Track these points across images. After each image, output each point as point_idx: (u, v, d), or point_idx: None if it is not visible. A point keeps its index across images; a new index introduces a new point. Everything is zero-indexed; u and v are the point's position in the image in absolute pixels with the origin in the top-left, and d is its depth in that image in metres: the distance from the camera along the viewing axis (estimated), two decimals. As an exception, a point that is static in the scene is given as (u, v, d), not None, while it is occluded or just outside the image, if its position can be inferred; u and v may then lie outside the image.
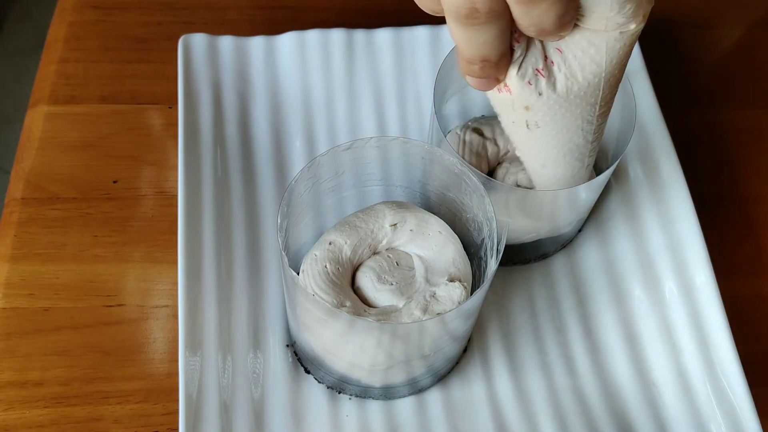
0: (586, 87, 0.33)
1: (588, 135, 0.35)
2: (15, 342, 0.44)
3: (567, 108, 0.33)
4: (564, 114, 0.34)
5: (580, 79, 0.33)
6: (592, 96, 0.33)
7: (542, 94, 0.33)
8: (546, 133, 0.35)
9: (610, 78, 0.33)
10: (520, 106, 0.33)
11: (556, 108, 0.33)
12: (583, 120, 0.34)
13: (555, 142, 0.35)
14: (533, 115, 0.34)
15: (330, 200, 0.42)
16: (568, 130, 0.35)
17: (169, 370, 0.44)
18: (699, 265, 0.44)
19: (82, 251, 0.47)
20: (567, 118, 0.34)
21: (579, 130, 0.35)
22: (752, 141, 0.55)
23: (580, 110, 0.34)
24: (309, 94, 0.51)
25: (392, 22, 0.53)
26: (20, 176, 0.49)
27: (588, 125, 0.35)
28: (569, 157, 0.36)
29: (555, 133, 0.35)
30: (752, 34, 0.60)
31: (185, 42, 0.50)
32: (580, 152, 0.36)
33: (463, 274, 0.40)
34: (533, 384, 0.43)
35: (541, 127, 0.34)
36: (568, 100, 0.33)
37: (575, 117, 0.34)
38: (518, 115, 0.34)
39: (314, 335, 0.39)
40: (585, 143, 0.35)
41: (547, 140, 0.35)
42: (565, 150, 0.36)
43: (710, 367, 0.43)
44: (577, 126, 0.34)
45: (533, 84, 0.32)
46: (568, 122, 0.34)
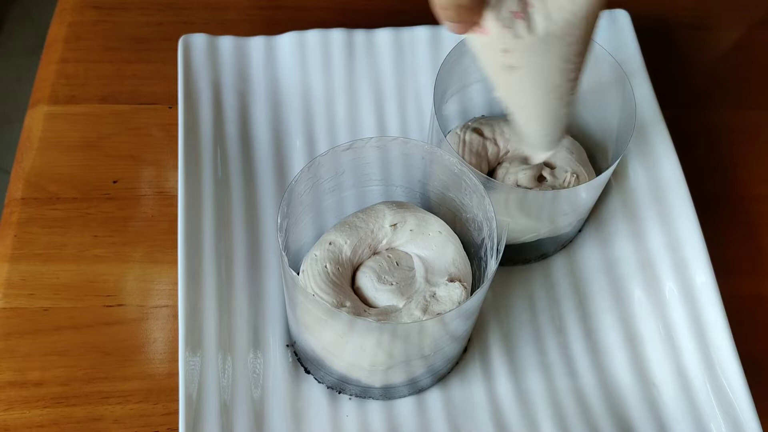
0: (564, 26, 0.33)
1: (568, 74, 0.35)
2: (15, 342, 0.44)
3: (545, 49, 0.33)
4: (542, 54, 0.34)
5: (558, 19, 0.33)
6: (569, 35, 0.33)
7: (520, 35, 0.33)
8: (526, 74, 0.35)
9: (589, 17, 0.33)
10: (498, 49, 0.33)
11: (533, 50, 0.33)
12: (561, 59, 0.34)
13: (534, 83, 0.35)
14: (511, 57, 0.34)
15: (330, 200, 0.42)
16: (547, 69, 0.35)
17: (169, 370, 0.44)
18: (699, 265, 0.44)
19: (82, 251, 0.47)
20: (546, 58, 0.34)
21: (557, 70, 0.35)
22: (752, 141, 0.55)
23: (557, 50, 0.34)
24: (309, 94, 0.51)
25: (392, 22, 0.53)
26: (20, 176, 0.49)
27: (567, 64, 0.35)
28: (550, 96, 0.36)
29: (535, 74, 0.35)
30: (751, 34, 0.60)
31: (185, 42, 0.50)
32: (560, 91, 0.36)
33: (463, 274, 0.40)
34: (533, 384, 0.43)
35: (519, 69, 0.34)
36: (546, 41, 0.33)
37: (554, 57, 0.34)
38: (497, 58, 0.34)
39: (314, 335, 0.39)
40: (564, 82, 0.36)
41: (527, 81, 0.35)
42: (546, 90, 0.36)
43: (710, 367, 0.43)
44: (556, 66, 0.35)
45: (511, 27, 0.32)
46: (546, 63, 0.34)
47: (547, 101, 0.36)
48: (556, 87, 0.36)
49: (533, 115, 0.38)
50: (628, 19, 0.53)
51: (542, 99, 0.36)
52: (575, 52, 0.34)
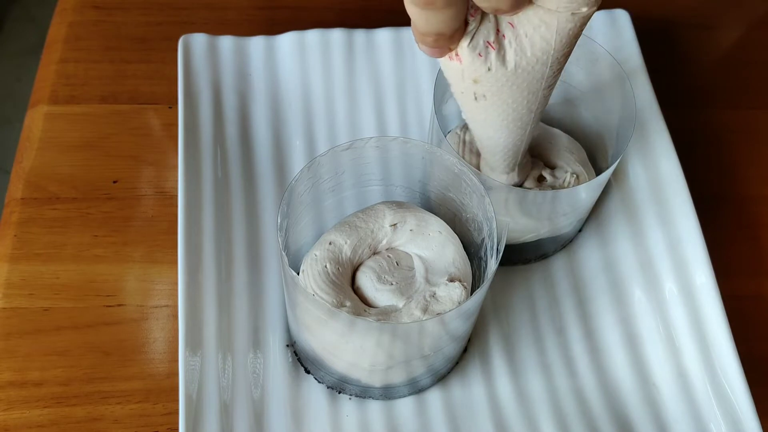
0: (534, 63, 0.34)
1: (532, 105, 0.36)
2: (15, 342, 0.44)
3: (514, 82, 0.34)
4: (510, 87, 0.35)
5: (529, 55, 0.33)
6: (539, 72, 0.34)
7: (491, 68, 0.34)
8: (492, 104, 0.36)
9: (559, 56, 0.34)
10: (469, 77, 0.34)
11: (503, 81, 0.34)
12: (529, 92, 0.35)
13: (500, 113, 0.36)
14: (481, 87, 0.35)
15: (330, 200, 0.42)
16: (513, 101, 0.36)
17: (169, 370, 0.44)
18: (699, 265, 0.44)
19: (82, 251, 0.47)
20: (513, 91, 0.35)
21: (524, 101, 0.36)
22: (752, 141, 0.55)
23: (526, 83, 0.35)
24: (309, 94, 0.51)
25: (392, 22, 0.53)
26: (20, 176, 0.49)
27: (533, 96, 0.36)
28: (512, 126, 0.37)
29: (501, 105, 0.36)
30: (751, 34, 0.60)
31: (185, 42, 0.50)
32: (523, 121, 0.37)
33: (463, 274, 0.40)
34: (533, 384, 0.43)
35: (487, 99, 0.35)
36: (516, 74, 0.34)
37: (521, 90, 0.35)
38: (467, 86, 0.35)
39: (314, 335, 0.39)
40: (528, 113, 0.37)
41: (493, 111, 0.36)
42: (509, 120, 0.37)
43: (710, 367, 0.43)
44: (522, 98, 0.36)
45: (483, 56, 0.33)
46: (514, 95, 0.35)
47: (510, 129, 0.37)
48: (520, 117, 0.37)
49: (495, 141, 0.39)
50: (628, 19, 0.53)
51: (505, 127, 0.37)
52: (543, 87, 0.35)
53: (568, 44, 0.34)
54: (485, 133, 0.39)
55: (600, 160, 0.47)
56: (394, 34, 0.52)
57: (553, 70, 0.34)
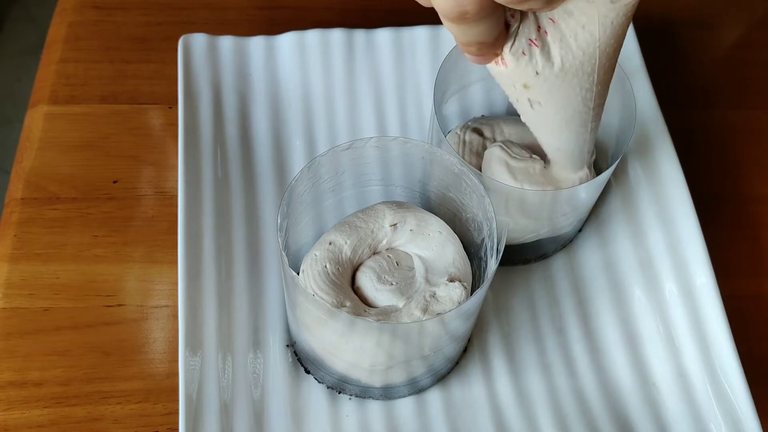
0: (581, 56, 0.33)
1: (588, 102, 0.36)
2: (15, 342, 0.44)
3: (564, 80, 0.34)
4: (561, 86, 0.34)
5: (575, 49, 0.33)
6: (588, 65, 0.34)
7: (538, 69, 0.33)
8: (548, 109, 0.36)
9: (606, 48, 0.34)
10: (519, 82, 0.34)
11: (552, 81, 0.34)
12: (582, 88, 0.35)
13: (558, 115, 0.36)
14: (533, 92, 0.35)
15: (330, 200, 0.42)
16: (568, 102, 0.35)
17: (169, 370, 0.44)
18: (699, 265, 0.44)
19: (82, 251, 0.47)
20: (565, 90, 0.35)
21: (578, 99, 0.35)
22: (752, 141, 0.55)
23: (577, 80, 0.34)
24: (309, 94, 0.51)
25: (392, 22, 0.53)
26: (20, 176, 0.49)
27: (588, 93, 0.35)
28: (573, 125, 0.37)
29: (556, 106, 0.36)
30: (752, 34, 0.60)
31: (185, 42, 0.50)
32: (583, 119, 0.37)
33: (463, 274, 0.40)
34: (533, 384, 0.43)
35: (542, 104, 0.35)
36: (564, 71, 0.34)
37: (573, 87, 0.35)
38: (519, 93, 0.35)
39: (314, 335, 0.39)
40: (586, 110, 0.36)
41: (551, 114, 0.36)
42: (568, 120, 0.37)
43: (710, 367, 0.43)
44: (576, 96, 0.35)
45: (528, 55, 0.33)
46: (567, 95, 0.35)
47: (571, 129, 0.37)
48: (579, 114, 0.36)
49: (558, 142, 0.38)
50: (628, 19, 0.53)
51: (566, 128, 0.37)
52: (595, 81, 0.35)
53: (613, 35, 0.33)
54: (549, 137, 0.38)
55: (600, 160, 0.47)
56: (394, 34, 0.52)
57: (602, 62, 0.34)
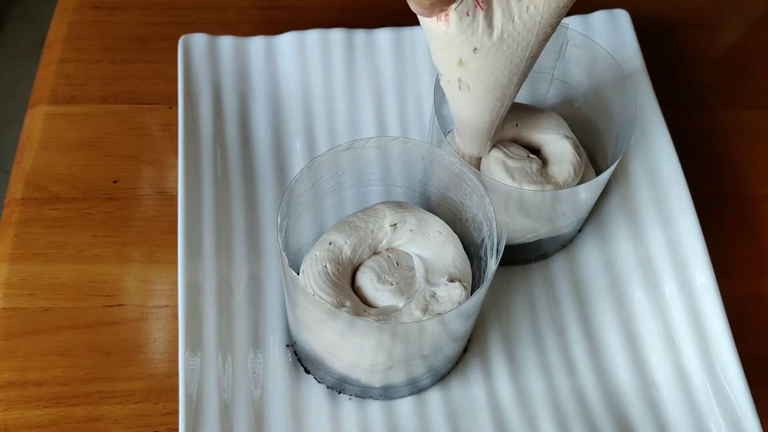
0: (521, 27, 0.34)
1: (514, 77, 0.37)
2: (15, 342, 0.44)
3: (498, 50, 0.35)
4: (494, 59, 0.35)
5: (516, 19, 0.34)
6: (525, 39, 0.35)
7: (476, 43, 0.34)
8: (475, 89, 0.37)
9: (545, 26, 0.35)
10: (455, 56, 0.35)
11: (486, 55, 0.35)
12: (512, 62, 0.36)
13: (481, 91, 0.37)
14: (465, 72, 0.36)
15: (330, 200, 0.42)
16: (496, 78, 0.36)
17: (169, 370, 0.44)
18: (699, 265, 0.44)
19: (82, 251, 0.47)
20: (497, 63, 0.36)
21: (507, 73, 0.37)
22: (752, 141, 0.55)
23: (510, 52, 0.35)
24: (309, 94, 0.51)
25: (392, 22, 0.53)
26: (20, 176, 0.49)
27: (516, 67, 0.36)
28: (492, 98, 0.38)
29: (484, 85, 0.37)
30: (752, 34, 0.60)
31: (185, 42, 0.50)
32: (503, 93, 0.38)
33: (463, 274, 0.40)
34: (533, 384, 0.43)
35: (471, 87, 0.37)
36: (501, 40, 0.35)
37: (505, 61, 0.36)
38: (452, 73, 0.36)
39: (314, 335, 0.39)
40: (509, 85, 0.37)
41: (475, 93, 0.37)
42: (490, 92, 0.38)
43: (710, 367, 0.43)
44: (505, 69, 0.36)
45: (471, 16, 0.34)
46: (497, 68, 0.36)
47: (488, 101, 0.38)
48: (501, 89, 0.37)
49: (476, 117, 0.39)
50: (628, 19, 0.53)
51: (483, 99, 0.38)
52: (527, 56, 0.36)
53: (557, 13, 0.34)
54: (468, 110, 0.39)
55: (600, 160, 0.47)
56: (394, 34, 0.52)
57: (538, 39, 0.35)
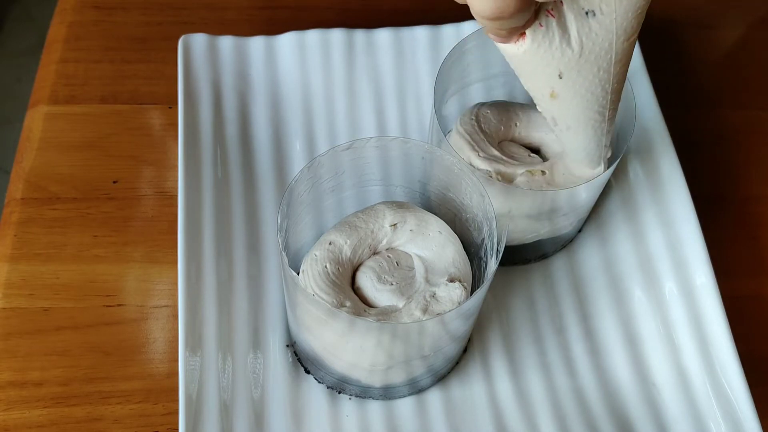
0: (597, 28, 0.33)
1: (606, 84, 0.36)
2: (15, 342, 0.44)
3: (581, 57, 0.34)
4: (579, 67, 0.34)
5: (591, 20, 0.33)
6: (605, 40, 0.34)
7: (556, 46, 0.33)
8: (565, 96, 0.36)
9: (623, 22, 0.34)
10: (538, 70, 0.34)
11: (569, 62, 0.34)
12: (600, 69, 0.35)
13: (573, 103, 0.36)
14: (552, 80, 0.35)
15: (330, 200, 0.42)
16: (585, 86, 0.35)
17: (169, 370, 0.44)
18: (699, 265, 0.44)
19: (82, 251, 0.47)
20: (582, 70, 0.35)
21: (597, 82, 0.35)
22: (752, 141, 0.55)
23: (594, 56, 0.34)
24: (309, 94, 0.51)
25: (392, 22, 0.53)
26: (20, 176, 0.49)
27: (605, 74, 0.35)
28: (589, 112, 0.37)
29: (573, 94, 0.36)
30: (752, 34, 0.60)
31: (185, 42, 0.50)
32: (600, 103, 0.37)
33: (463, 274, 0.40)
34: (533, 384, 0.43)
35: (560, 95, 0.36)
36: (581, 45, 0.34)
37: (591, 67, 0.35)
38: (538, 85, 0.36)
39: (314, 335, 0.39)
40: (604, 94, 0.36)
41: (566, 103, 0.36)
42: (584, 106, 0.37)
43: (710, 367, 0.43)
44: (594, 77, 0.35)
45: (544, 26, 0.33)
46: (584, 76, 0.35)
47: (587, 116, 0.37)
48: (595, 98, 0.36)
49: (574, 134, 0.38)
50: (628, 19, 0.53)
51: (582, 115, 0.37)
52: (613, 60, 0.35)
53: (632, 9, 0.33)
54: (565, 129, 0.38)
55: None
56: (394, 34, 0.52)
57: (619, 39, 0.34)
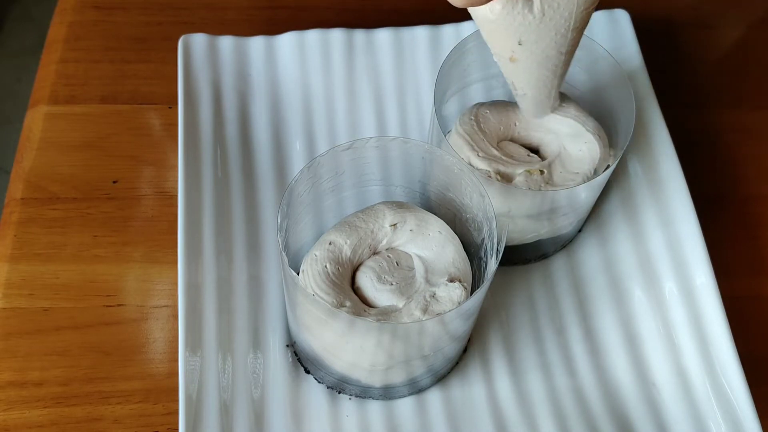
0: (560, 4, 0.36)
1: (561, 47, 0.39)
2: (15, 342, 0.44)
3: (541, 22, 0.37)
4: (539, 32, 0.37)
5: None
6: (566, 8, 0.36)
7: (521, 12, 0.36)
8: (525, 59, 0.39)
9: None
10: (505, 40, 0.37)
11: (532, 28, 0.37)
12: (557, 33, 0.37)
13: (531, 65, 0.39)
14: (516, 48, 0.38)
15: (330, 200, 0.42)
16: (543, 49, 0.38)
17: (169, 370, 0.44)
18: (699, 265, 0.44)
19: (82, 251, 0.47)
20: (543, 35, 0.37)
21: (553, 45, 0.38)
22: (752, 141, 0.55)
23: (554, 23, 0.37)
24: (309, 94, 0.51)
25: (392, 22, 0.53)
26: (20, 176, 0.49)
27: (562, 38, 0.38)
28: (543, 71, 0.40)
29: (533, 57, 0.39)
30: (752, 34, 0.60)
31: (185, 42, 0.50)
32: (553, 64, 0.39)
33: (463, 274, 0.40)
34: (533, 384, 0.43)
35: (520, 59, 0.39)
36: (544, 21, 0.37)
37: (549, 32, 0.37)
38: (505, 52, 0.39)
39: (314, 335, 0.39)
40: (558, 55, 0.39)
41: (526, 65, 0.39)
42: (539, 65, 0.39)
43: (710, 367, 0.43)
44: (551, 41, 0.38)
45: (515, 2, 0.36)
46: (544, 41, 0.38)
47: (540, 73, 0.40)
48: (550, 60, 0.39)
49: (527, 88, 0.41)
50: (628, 19, 0.53)
51: (536, 72, 0.39)
52: (571, 26, 0.37)
53: None
54: (522, 83, 0.41)
55: (600, 160, 0.47)
56: (394, 34, 0.52)
57: (581, 9, 0.36)
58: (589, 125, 0.44)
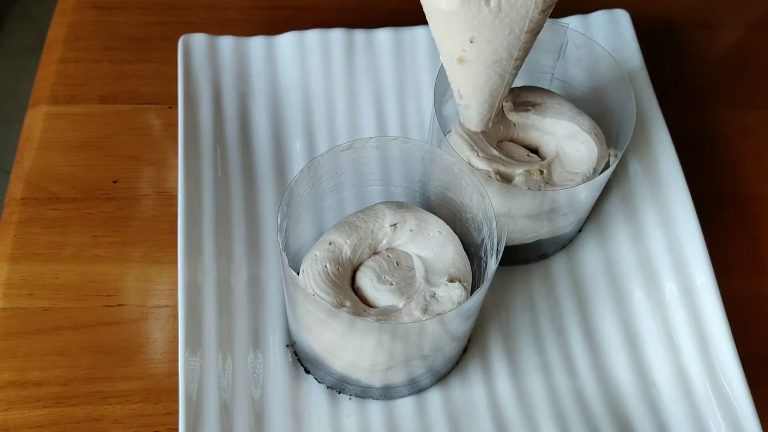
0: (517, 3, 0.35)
1: (513, 50, 0.37)
2: (15, 342, 0.44)
3: (496, 18, 0.35)
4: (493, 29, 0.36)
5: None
6: (522, 7, 0.35)
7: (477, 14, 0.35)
8: (472, 65, 0.37)
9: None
10: (458, 38, 0.36)
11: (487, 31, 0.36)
12: (512, 33, 0.36)
13: (483, 74, 0.38)
14: (468, 48, 0.36)
15: (330, 200, 0.42)
16: (496, 57, 0.37)
17: (169, 370, 0.44)
18: (699, 265, 0.44)
19: (82, 251, 0.47)
20: (496, 33, 0.36)
21: (505, 45, 0.37)
22: (752, 141, 0.55)
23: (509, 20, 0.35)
24: (309, 94, 0.51)
25: (392, 22, 0.53)
26: (20, 176, 0.49)
27: (515, 40, 0.36)
28: (491, 74, 0.38)
29: (484, 68, 0.37)
30: (752, 34, 0.60)
31: (185, 42, 0.50)
32: (503, 67, 0.38)
33: (463, 274, 0.40)
34: (533, 384, 0.43)
35: (471, 64, 0.37)
36: (499, 17, 0.35)
37: (503, 30, 0.36)
38: (454, 49, 0.37)
39: (314, 335, 0.39)
40: (509, 59, 0.37)
41: (474, 68, 0.38)
42: (489, 66, 0.38)
43: (710, 367, 0.43)
44: (504, 40, 0.36)
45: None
46: (497, 39, 0.36)
47: (487, 74, 0.38)
48: (499, 63, 0.37)
49: (473, 87, 0.39)
50: (628, 19, 0.53)
51: (483, 70, 0.38)
52: (526, 28, 0.36)
53: None
54: (469, 86, 0.39)
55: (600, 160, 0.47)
56: (394, 34, 0.52)
57: (538, 9, 0.35)
58: (585, 124, 0.44)
